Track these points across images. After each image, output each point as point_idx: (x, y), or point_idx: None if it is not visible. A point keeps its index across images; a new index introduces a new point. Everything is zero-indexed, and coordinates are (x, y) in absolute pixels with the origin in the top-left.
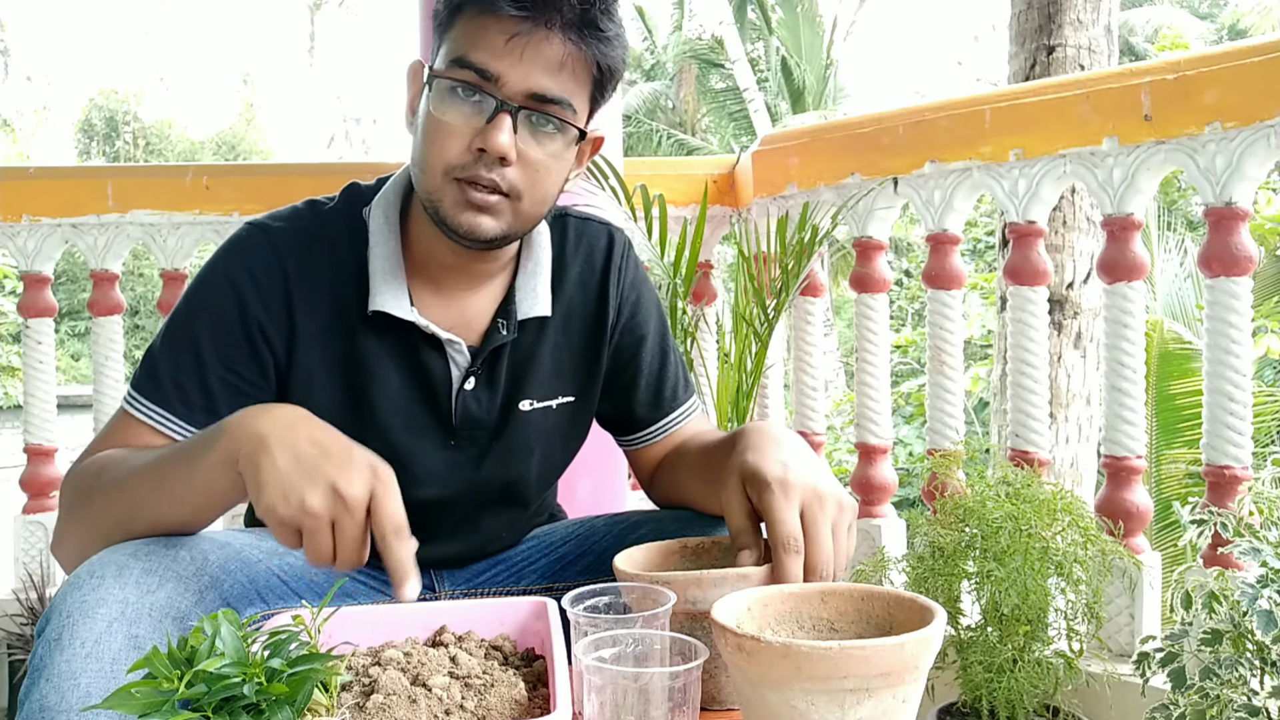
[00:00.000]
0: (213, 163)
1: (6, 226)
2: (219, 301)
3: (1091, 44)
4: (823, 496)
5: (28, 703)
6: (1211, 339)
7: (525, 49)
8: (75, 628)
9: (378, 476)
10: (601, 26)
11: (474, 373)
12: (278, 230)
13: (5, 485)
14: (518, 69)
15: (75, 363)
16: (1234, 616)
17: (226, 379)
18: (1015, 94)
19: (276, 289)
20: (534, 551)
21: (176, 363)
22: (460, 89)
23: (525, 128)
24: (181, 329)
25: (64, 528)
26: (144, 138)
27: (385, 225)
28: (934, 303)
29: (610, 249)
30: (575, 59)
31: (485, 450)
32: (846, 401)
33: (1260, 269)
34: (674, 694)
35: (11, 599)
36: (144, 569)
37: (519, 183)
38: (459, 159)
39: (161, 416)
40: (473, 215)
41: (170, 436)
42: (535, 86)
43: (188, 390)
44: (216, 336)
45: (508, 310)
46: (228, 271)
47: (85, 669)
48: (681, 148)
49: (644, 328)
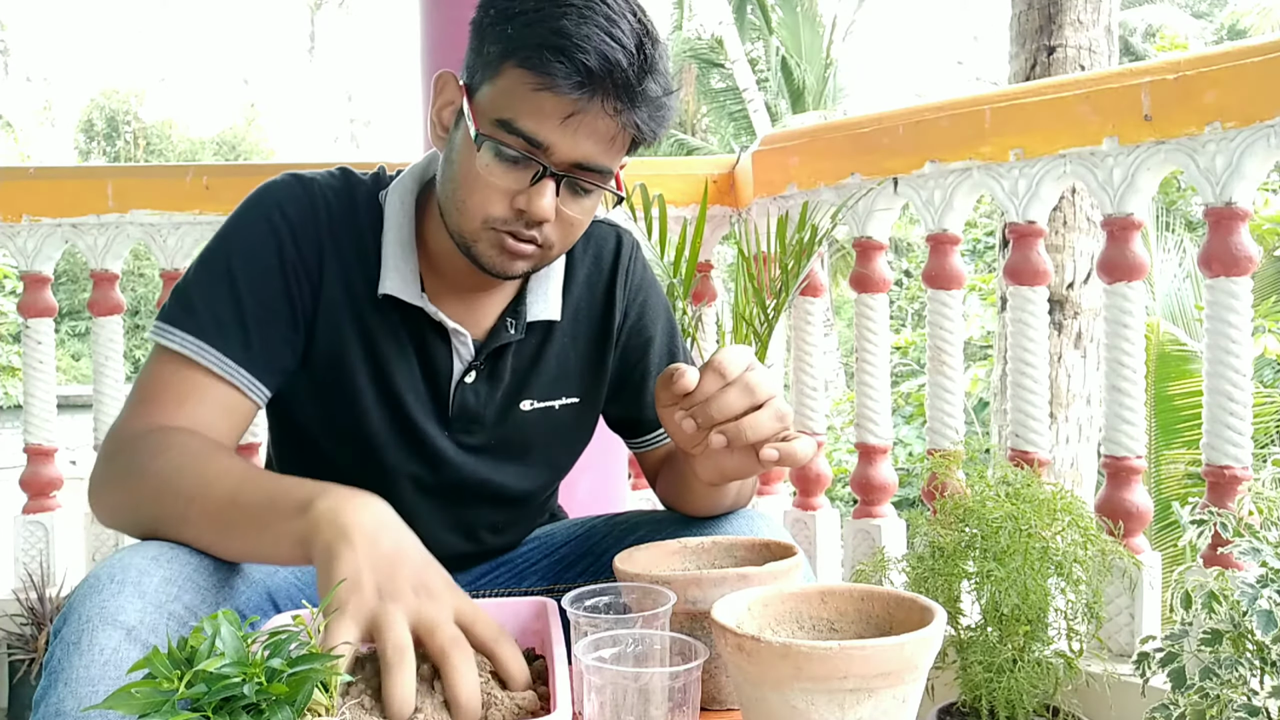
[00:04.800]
0: (213, 163)
1: (6, 226)
2: (255, 237)
3: (1092, 44)
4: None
5: (44, 705)
6: (1211, 339)
7: (580, 127)
8: (95, 634)
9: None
10: (654, 100)
11: (476, 367)
12: (316, 185)
13: (5, 485)
14: (569, 142)
15: (75, 363)
16: (1234, 616)
17: (261, 315)
18: (1015, 94)
19: (310, 239)
20: (535, 553)
21: (212, 295)
22: (507, 150)
23: (566, 190)
24: (217, 263)
25: (109, 491)
26: (144, 138)
27: (401, 212)
28: (934, 303)
29: (618, 251)
30: (624, 133)
31: (482, 445)
32: (846, 401)
33: (1259, 269)
34: (674, 694)
35: (11, 599)
36: (164, 577)
37: (554, 236)
38: (500, 214)
39: (197, 347)
40: (507, 259)
41: (207, 368)
42: (581, 158)
43: (224, 323)
44: (252, 271)
45: (517, 311)
46: (265, 212)
47: (104, 676)
48: (681, 148)
49: (651, 329)
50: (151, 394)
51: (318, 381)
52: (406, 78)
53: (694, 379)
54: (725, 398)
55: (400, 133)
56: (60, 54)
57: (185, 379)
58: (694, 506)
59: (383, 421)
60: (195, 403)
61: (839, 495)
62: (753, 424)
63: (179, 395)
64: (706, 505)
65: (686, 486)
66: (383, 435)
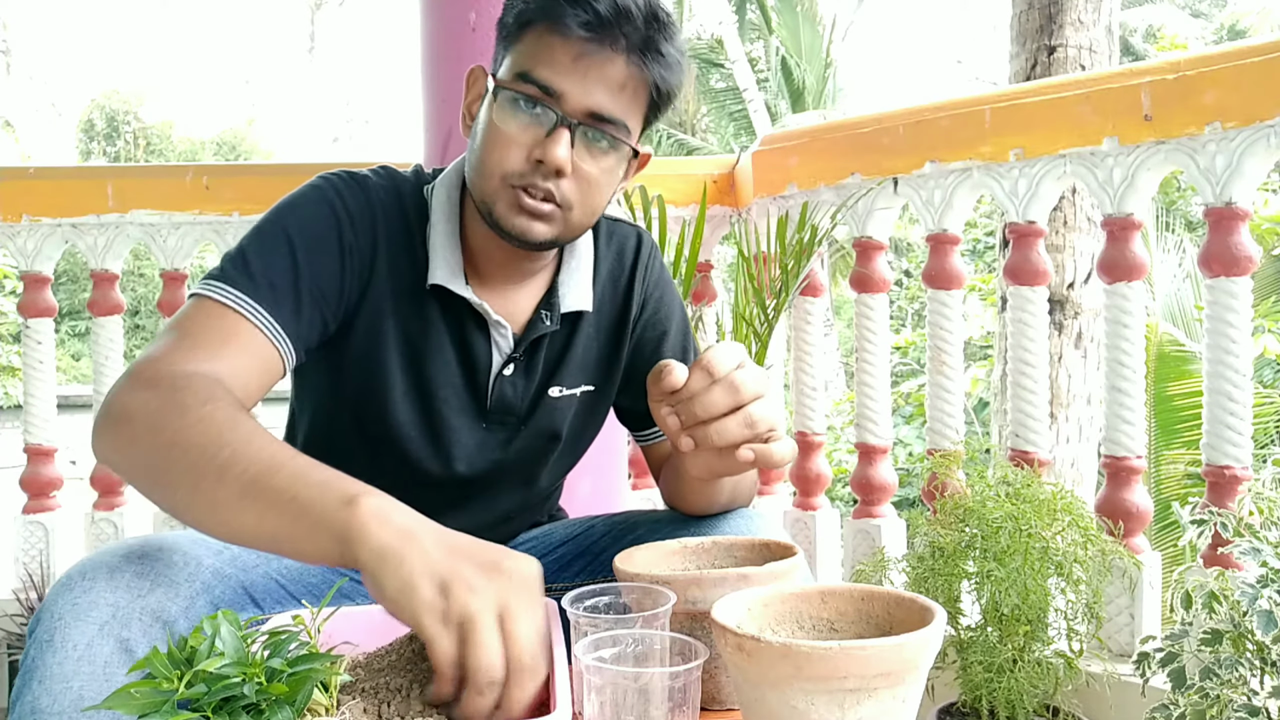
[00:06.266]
0: (213, 163)
1: (6, 226)
2: (317, 215)
3: (1092, 44)
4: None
5: (19, 704)
6: (1211, 339)
7: (590, 69)
8: (67, 630)
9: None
10: (664, 51)
11: (515, 359)
12: (369, 182)
13: (5, 485)
14: (580, 87)
15: (75, 363)
16: (1234, 616)
17: (313, 289)
18: (1015, 94)
19: (366, 230)
20: (533, 552)
21: (269, 262)
22: (523, 101)
23: (582, 143)
24: (275, 234)
25: (133, 422)
26: (145, 138)
27: (447, 205)
28: (934, 303)
29: (639, 249)
30: (636, 81)
31: (514, 435)
32: (846, 401)
33: (1258, 269)
34: (674, 694)
35: (11, 599)
36: (136, 572)
37: (571, 195)
38: (517, 167)
39: (250, 305)
40: (525, 220)
41: (253, 323)
42: (595, 105)
43: (279, 288)
44: (313, 246)
45: (550, 303)
46: (326, 196)
47: (78, 672)
48: (681, 148)
49: (666, 324)
50: (193, 333)
51: (349, 369)
52: (406, 78)
53: (682, 375)
54: (709, 397)
55: (401, 133)
56: (62, 54)
57: (230, 326)
58: (690, 503)
59: (409, 414)
60: (236, 350)
61: (839, 495)
62: (719, 429)
63: (221, 339)
64: (702, 502)
65: (682, 482)
66: (407, 427)
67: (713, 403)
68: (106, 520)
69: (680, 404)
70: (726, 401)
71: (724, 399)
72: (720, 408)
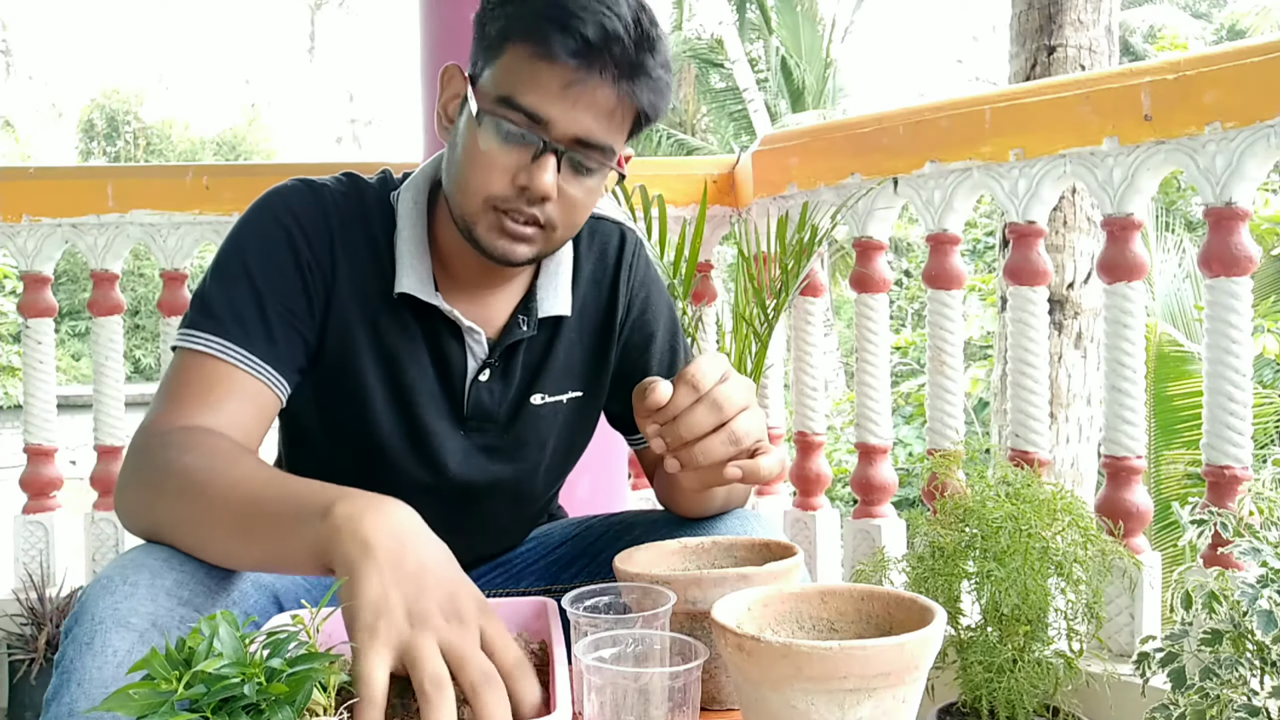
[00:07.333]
0: (213, 163)
1: (6, 226)
2: (269, 237)
3: (1092, 44)
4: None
5: (56, 703)
6: (1211, 339)
7: (579, 98)
8: (108, 635)
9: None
10: (653, 75)
11: (490, 365)
12: (324, 189)
13: (5, 485)
14: (569, 115)
15: (75, 363)
16: (1234, 616)
17: (281, 311)
18: (1015, 94)
19: (322, 240)
20: (532, 553)
21: (231, 296)
22: (508, 126)
23: (568, 168)
24: (232, 265)
25: (132, 489)
26: (145, 138)
27: (414, 211)
28: (934, 303)
29: (622, 247)
30: (625, 107)
31: (496, 443)
32: (846, 401)
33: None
34: (674, 694)
35: (11, 599)
36: (176, 580)
37: (555, 216)
38: (501, 191)
39: (221, 345)
40: (507, 242)
41: (232, 364)
42: (582, 132)
43: (246, 320)
44: (268, 269)
45: (528, 307)
46: (275, 214)
47: (117, 678)
48: (681, 148)
49: (653, 325)
50: (177, 391)
51: (326, 384)
52: (407, 78)
53: (666, 392)
54: (692, 417)
55: (401, 133)
56: (62, 54)
57: (211, 374)
58: (684, 508)
59: (392, 423)
60: (222, 397)
61: (839, 495)
62: (704, 449)
63: (205, 390)
64: (696, 508)
65: (675, 488)
66: (391, 437)
67: (697, 423)
68: (106, 520)
69: (665, 425)
70: (710, 420)
71: (707, 418)
72: (704, 427)
